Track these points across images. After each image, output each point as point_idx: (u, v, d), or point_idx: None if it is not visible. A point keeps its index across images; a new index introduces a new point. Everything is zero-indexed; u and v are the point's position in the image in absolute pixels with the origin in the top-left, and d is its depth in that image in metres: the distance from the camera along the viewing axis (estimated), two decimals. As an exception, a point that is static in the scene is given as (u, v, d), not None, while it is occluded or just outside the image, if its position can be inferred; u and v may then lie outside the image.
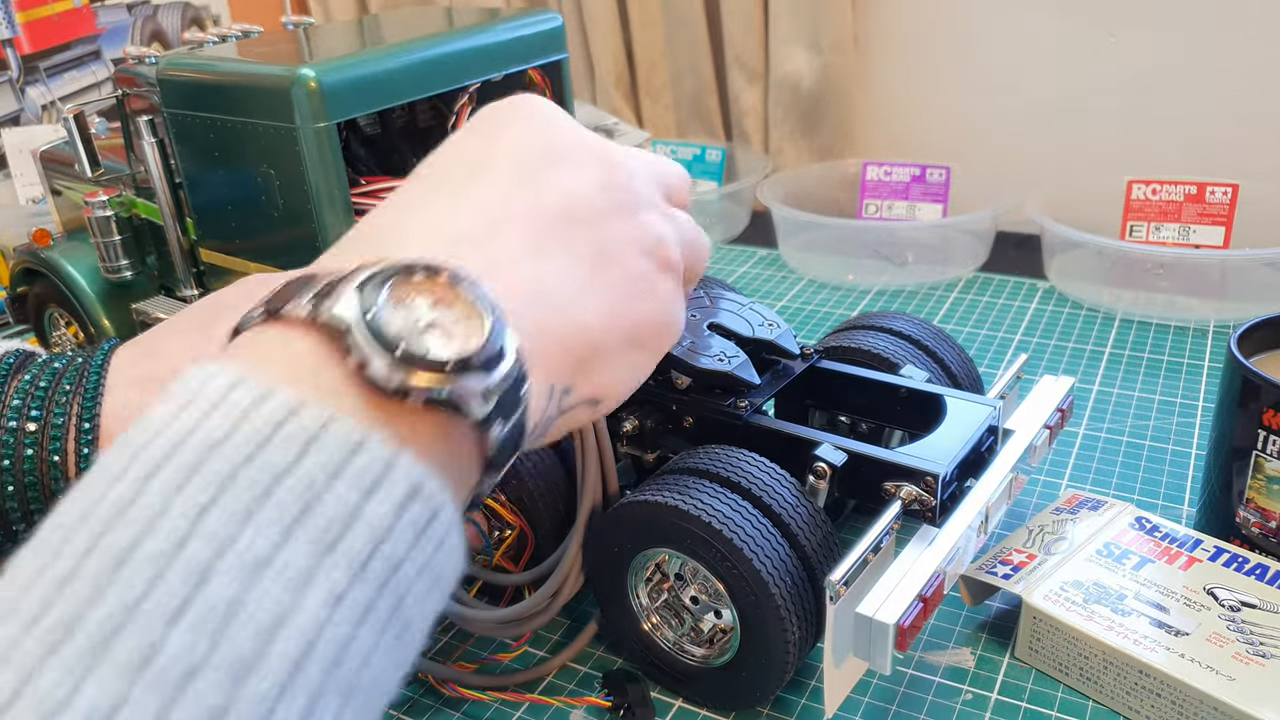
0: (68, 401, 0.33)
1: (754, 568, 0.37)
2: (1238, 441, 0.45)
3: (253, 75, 0.46)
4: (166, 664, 0.19)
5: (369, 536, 0.22)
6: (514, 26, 0.52)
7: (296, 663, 0.20)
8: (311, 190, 0.44)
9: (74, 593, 0.19)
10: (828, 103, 1.02)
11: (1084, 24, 0.91)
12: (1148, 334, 0.73)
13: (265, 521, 0.21)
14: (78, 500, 0.21)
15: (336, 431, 0.22)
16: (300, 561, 0.21)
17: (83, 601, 0.19)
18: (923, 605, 0.36)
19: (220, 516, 0.20)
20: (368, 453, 0.22)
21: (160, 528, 0.20)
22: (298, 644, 0.20)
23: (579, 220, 0.30)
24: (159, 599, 0.19)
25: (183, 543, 0.20)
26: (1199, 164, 0.90)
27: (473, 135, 0.32)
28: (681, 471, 0.41)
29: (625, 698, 0.42)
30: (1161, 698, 0.39)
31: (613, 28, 1.10)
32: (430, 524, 0.23)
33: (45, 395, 0.33)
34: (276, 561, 0.21)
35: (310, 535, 0.21)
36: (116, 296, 0.66)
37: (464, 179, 0.30)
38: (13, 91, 1.09)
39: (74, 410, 0.33)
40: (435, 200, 0.30)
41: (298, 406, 0.22)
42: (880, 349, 0.50)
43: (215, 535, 0.20)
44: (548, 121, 0.32)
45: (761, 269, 0.91)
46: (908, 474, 0.40)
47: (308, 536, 0.21)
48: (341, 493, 0.22)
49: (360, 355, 0.23)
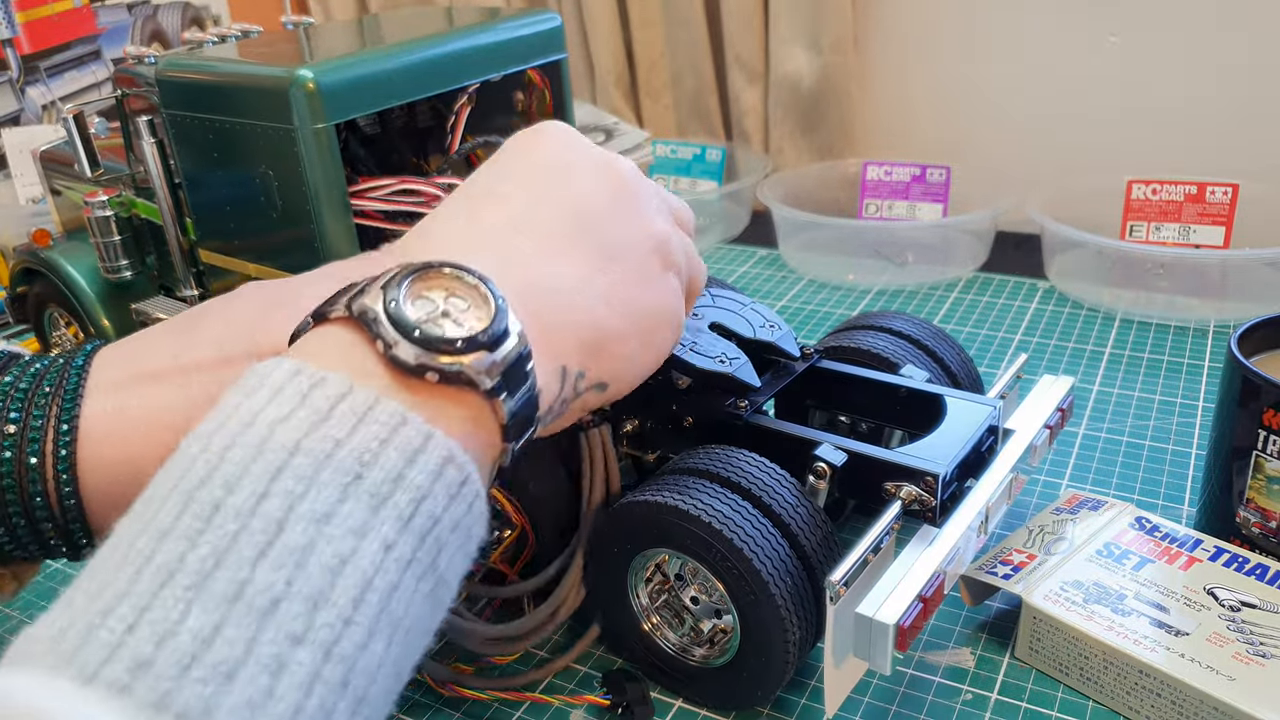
0: (47, 404, 0.33)
1: (754, 568, 0.37)
2: (1238, 441, 0.45)
3: (251, 76, 0.46)
4: (254, 595, 0.22)
5: (413, 495, 0.25)
6: (513, 27, 0.52)
7: (356, 600, 0.23)
8: (310, 191, 0.44)
9: (171, 544, 0.23)
10: (828, 102, 1.01)
11: (1084, 24, 0.91)
12: (1148, 334, 0.73)
13: (328, 483, 0.24)
14: (170, 471, 0.25)
15: (383, 410, 0.26)
16: (358, 514, 0.24)
17: (183, 549, 0.23)
18: (923, 605, 0.36)
19: (291, 478, 0.24)
20: (411, 426, 0.26)
21: (242, 487, 0.24)
22: (358, 583, 0.24)
23: (590, 223, 0.35)
24: (245, 544, 0.23)
25: (261, 499, 0.24)
26: (1199, 164, 0.90)
27: (502, 155, 0.37)
28: (681, 472, 0.41)
29: (624, 697, 0.42)
30: (1161, 698, 0.39)
31: (613, 28, 1.10)
32: (462, 487, 0.27)
33: (25, 397, 0.33)
34: (338, 515, 0.24)
35: (365, 493, 0.25)
36: (116, 296, 0.66)
37: (487, 193, 0.35)
38: (13, 91, 1.09)
39: (53, 412, 0.33)
40: (460, 212, 0.35)
41: (348, 389, 0.26)
42: (880, 349, 0.50)
43: (289, 493, 0.24)
44: (566, 142, 0.37)
45: (761, 269, 0.91)
46: (908, 474, 0.40)
47: (363, 494, 0.25)
48: (390, 458, 0.25)
49: (386, 339, 0.27)
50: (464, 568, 0.28)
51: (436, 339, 0.27)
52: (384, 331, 0.27)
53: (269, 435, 0.25)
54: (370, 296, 0.28)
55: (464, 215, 0.34)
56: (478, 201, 0.35)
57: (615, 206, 0.36)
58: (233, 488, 0.24)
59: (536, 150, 0.37)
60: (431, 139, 0.54)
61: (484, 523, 0.28)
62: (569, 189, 0.35)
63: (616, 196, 0.36)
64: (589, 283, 0.34)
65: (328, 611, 0.23)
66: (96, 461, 0.33)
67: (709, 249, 0.97)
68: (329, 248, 0.45)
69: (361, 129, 0.53)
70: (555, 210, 0.34)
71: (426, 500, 0.26)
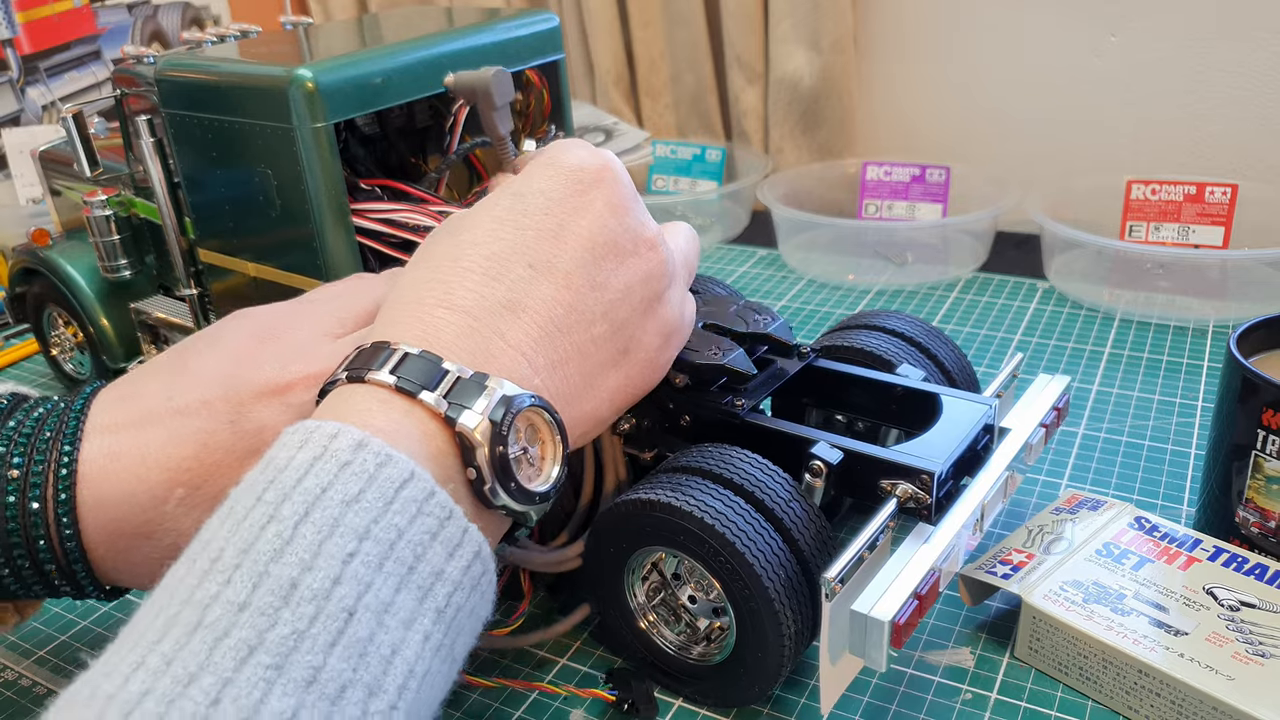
0: (48, 448, 0.34)
1: (750, 566, 0.37)
2: (1237, 441, 0.45)
3: (250, 75, 0.46)
4: (327, 681, 0.24)
5: (449, 589, 0.28)
6: (511, 27, 0.52)
7: (401, 688, 0.25)
8: (309, 190, 0.44)
9: (250, 618, 0.24)
10: (828, 102, 1.01)
11: (1084, 24, 0.91)
12: (1147, 334, 0.73)
13: (390, 573, 0.26)
14: (234, 532, 0.26)
15: (435, 503, 0.28)
16: (409, 606, 0.26)
17: (262, 626, 0.24)
18: (918, 603, 0.36)
19: (361, 565, 0.26)
20: (455, 522, 0.28)
21: (318, 568, 0.25)
22: (404, 672, 0.25)
23: (619, 320, 0.36)
24: (321, 629, 0.24)
25: (335, 584, 0.25)
26: (1199, 164, 0.90)
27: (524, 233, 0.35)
28: (678, 470, 0.41)
29: (630, 694, 0.42)
30: (1161, 697, 0.39)
31: (612, 28, 1.10)
32: (482, 578, 0.29)
33: (28, 441, 0.34)
34: (394, 605, 0.26)
35: (415, 585, 0.27)
36: (115, 296, 0.66)
37: (508, 304, 0.34)
38: (13, 91, 1.09)
39: (53, 456, 0.34)
40: (496, 297, 0.34)
41: (410, 475, 0.28)
42: (876, 348, 0.50)
43: (359, 579, 0.25)
44: (610, 214, 0.36)
45: (761, 269, 0.91)
46: (903, 472, 0.40)
47: (414, 586, 0.27)
48: (436, 552, 0.27)
49: (480, 474, 0.30)
50: (471, 644, 0.30)
51: (520, 490, 0.31)
52: (481, 465, 0.30)
53: (341, 516, 0.26)
54: (468, 415, 0.30)
55: (506, 313, 0.34)
56: (515, 294, 0.34)
57: (647, 290, 0.37)
58: (309, 566, 0.25)
59: (579, 225, 0.36)
60: (430, 139, 0.54)
61: (491, 607, 0.31)
62: (611, 277, 0.36)
63: (650, 277, 0.37)
64: (595, 384, 0.35)
65: (380, 699, 0.25)
66: (95, 502, 0.34)
67: (709, 249, 0.98)
68: (328, 247, 0.45)
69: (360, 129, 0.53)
70: (587, 310, 0.35)
71: (457, 593, 0.28)
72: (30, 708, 0.45)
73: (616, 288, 0.35)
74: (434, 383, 0.30)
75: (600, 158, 0.37)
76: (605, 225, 0.35)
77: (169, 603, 0.25)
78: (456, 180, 0.56)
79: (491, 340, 0.33)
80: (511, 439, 0.30)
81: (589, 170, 0.36)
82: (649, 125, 1.13)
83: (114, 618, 0.50)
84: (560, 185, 0.36)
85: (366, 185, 0.48)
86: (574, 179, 0.36)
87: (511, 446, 0.30)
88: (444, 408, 0.30)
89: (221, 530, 0.26)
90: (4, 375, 0.80)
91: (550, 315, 0.34)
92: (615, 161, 0.38)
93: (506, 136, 0.46)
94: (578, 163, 0.36)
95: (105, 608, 0.51)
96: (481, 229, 0.35)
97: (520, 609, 0.44)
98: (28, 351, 0.83)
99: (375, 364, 0.31)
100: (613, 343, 0.35)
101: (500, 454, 0.30)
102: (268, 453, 0.28)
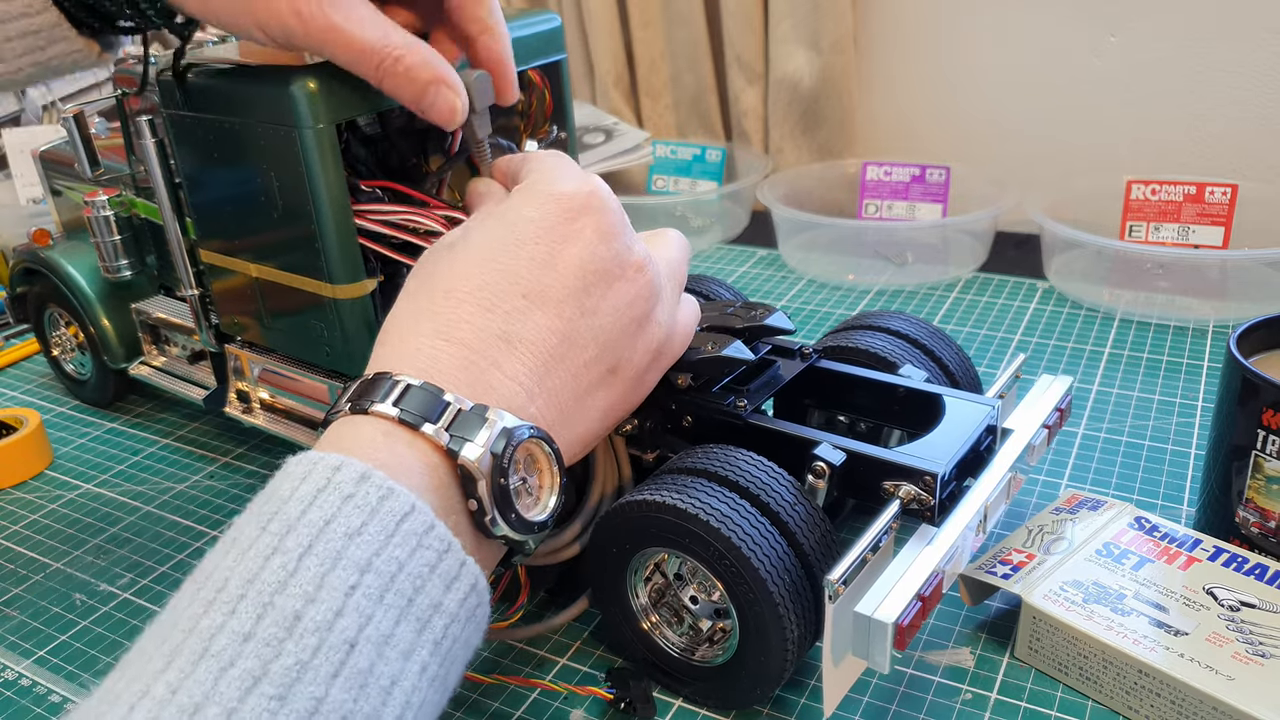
0: None
1: (753, 567, 0.37)
2: (1237, 441, 0.45)
3: (252, 76, 0.46)
4: (328, 712, 0.24)
5: (446, 621, 0.28)
6: (513, 27, 0.52)
7: (398, 718, 0.26)
8: (311, 190, 0.44)
9: (255, 648, 0.24)
10: (828, 102, 1.02)
11: (1084, 24, 0.91)
12: (1147, 334, 0.73)
13: (390, 605, 0.27)
14: (239, 562, 0.26)
15: (434, 536, 0.28)
16: (408, 638, 0.27)
17: (267, 657, 0.24)
18: (921, 604, 0.36)
19: (362, 598, 0.26)
20: (453, 556, 0.29)
21: (321, 600, 0.25)
22: (401, 702, 0.26)
23: (608, 343, 0.36)
24: (323, 661, 0.25)
25: (338, 616, 0.25)
26: (1199, 164, 0.90)
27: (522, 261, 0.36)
28: (680, 471, 0.41)
29: (628, 692, 0.42)
30: (1161, 697, 0.39)
31: (613, 28, 1.10)
32: (477, 608, 0.30)
33: None
34: (394, 637, 0.26)
35: (414, 617, 0.27)
36: (116, 296, 0.66)
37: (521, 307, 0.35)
38: (13, 91, 1.09)
39: None
40: (492, 329, 0.35)
41: (411, 509, 0.28)
42: (879, 348, 0.50)
43: (360, 612, 0.26)
44: (599, 241, 0.37)
45: (761, 269, 0.91)
46: (906, 473, 0.40)
47: (412, 618, 0.27)
48: (434, 585, 0.28)
49: (481, 505, 0.31)
50: (462, 676, 0.31)
51: (519, 520, 0.32)
52: (482, 499, 0.31)
53: (344, 549, 0.26)
54: (469, 448, 0.31)
55: (501, 344, 0.35)
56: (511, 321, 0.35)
57: (636, 311, 0.37)
58: (313, 598, 0.25)
59: (571, 251, 0.37)
60: (431, 139, 0.54)
61: (481, 637, 0.31)
62: (600, 301, 0.37)
63: (639, 298, 0.38)
64: (586, 404, 0.36)
65: None
66: None
67: (709, 249, 0.98)
68: (329, 247, 0.45)
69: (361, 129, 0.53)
70: (578, 337, 0.36)
71: (453, 624, 0.28)
72: (30, 708, 0.45)
73: (606, 312, 0.36)
74: (436, 414, 0.31)
75: (589, 183, 0.38)
76: (595, 253, 0.36)
77: (172, 631, 0.25)
78: (458, 182, 0.56)
79: (489, 372, 0.33)
80: (511, 470, 0.31)
81: (578, 197, 0.37)
82: (649, 125, 1.14)
83: (114, 618, 0.50)
84: (550, 213, 0.36)
85: (367, 186, 0.48)
86: (563, 207, 0.37)
87: (511, 478, 0.31)
88: (446, 440, 0.31)
89: (225, 560, 0.26)
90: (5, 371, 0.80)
91: (544, 345, 0.35)
92: (603, 186, 0.38)
93: (485, 140, 0.46)
94: (567, 190, 0.37)
95: (104, 608, 0.51)
96: (474, 256, 0.36)
97: (519, 601, 0.44)
98: (28, 351, 0.83)
99: (378, 395, 0.31)
100: (602, 363, 0.36)
101: (501, 485, 0.31)
102: (270, 483, 0.29)
